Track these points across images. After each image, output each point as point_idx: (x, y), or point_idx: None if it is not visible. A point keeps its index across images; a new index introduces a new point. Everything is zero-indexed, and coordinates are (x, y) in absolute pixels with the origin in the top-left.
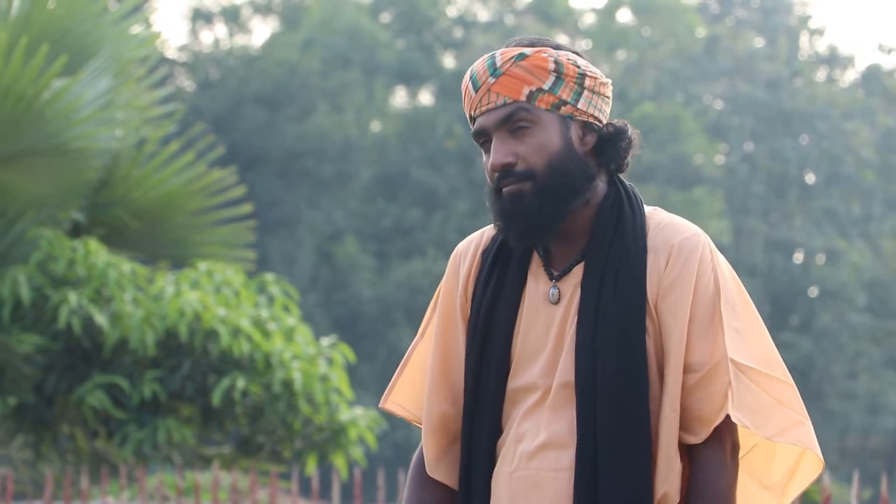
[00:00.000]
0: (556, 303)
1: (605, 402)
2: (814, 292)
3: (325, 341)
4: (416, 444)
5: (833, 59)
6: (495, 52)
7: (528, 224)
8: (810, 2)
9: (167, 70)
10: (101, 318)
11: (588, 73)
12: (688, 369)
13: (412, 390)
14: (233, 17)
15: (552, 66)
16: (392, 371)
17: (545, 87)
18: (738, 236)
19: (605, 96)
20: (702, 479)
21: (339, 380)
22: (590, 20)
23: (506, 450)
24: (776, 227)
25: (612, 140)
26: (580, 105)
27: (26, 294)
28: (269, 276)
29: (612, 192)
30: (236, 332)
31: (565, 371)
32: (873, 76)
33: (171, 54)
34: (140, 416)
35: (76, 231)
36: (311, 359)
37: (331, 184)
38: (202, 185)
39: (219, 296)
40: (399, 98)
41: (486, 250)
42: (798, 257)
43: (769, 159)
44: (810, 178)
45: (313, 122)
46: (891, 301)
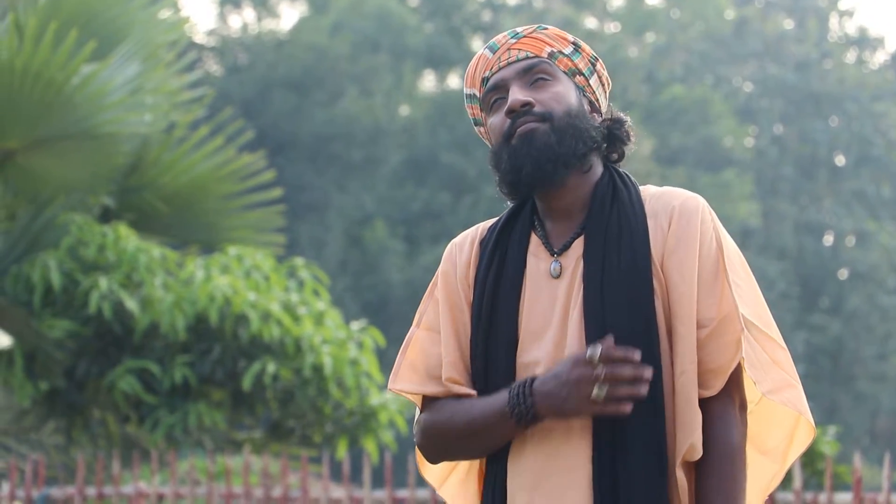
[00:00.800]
0: (558, 277)
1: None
2: (844, 274)
3: (355, 325)
4: None
5: (863, 41)
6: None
7: (542, 157)
8: None
9: (196, 55)
10: (131, 303)
11: (599, 61)
12: (698, 325)
13: (415, 373)
14: (261, 2)
15: (571, 39)
16: None
17: (566, 52)
18: (767, 219)
19: (607, 89)
20: (714, 434)
21: (369, 364)
22: (618, 3)
23: None
24: (806, 210)
25: (614, 126)
26: (591, 83)
27: (57, 279)
28: (298, 261)
29: (606, 174)
30: (266, 316)
31: (574, 342)
32: None
33: (200, 39)
34: (171, 401)
35: (106, 216)
36: (341, 343)
37: (360, 168)
38: (231, 169)
39: (249, 280)
40: (428, 82)
41: (484, 240)
42: (828, 239)
43: (799, 141)
44: (840, 159)
45: (342, 107)
46: None
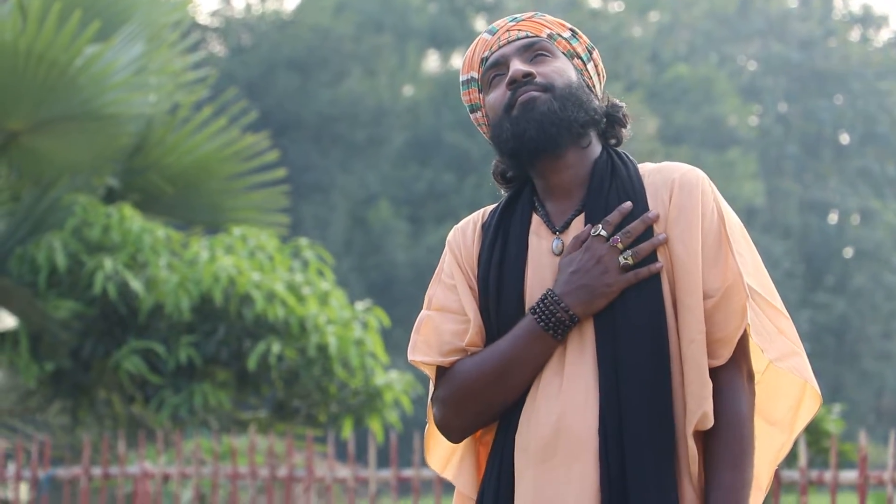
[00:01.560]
0: (560, 254)
1: (625, 338)
2: (849, 253)
3: (360, 305)
4: None
5: (867, 19)
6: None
7: (545, 120)
8: None
9: (199, 35)
10: (136, 284)
11: (596, 51)
12: (704, 295)
13: (430, 347)
14: None
15: (569, 26)
16: None
17: (564, 35)
18: (772, 197)
19: (603, 80)
20: (723, 403)
21: (374, 344)
22: None
23: (530, 399)
24: (810, 188)
25: (612, 109)
26: (588, 68)
27: (62, 260)
28: (303, 241)
29: (604, 153)
30: (271, 296)
31: None
32: None
33: (204, 20)
34: (176, 381)
35: (111, 197)
36: (345, 323)
37: (364, 148)
38: (235, 150)
39: (253, 260)
40: (431, 62)
41: (486, 224)
42: (833, 218)
43: (803, 120)
44: (844, 138)
45: (346, 87)
46: None
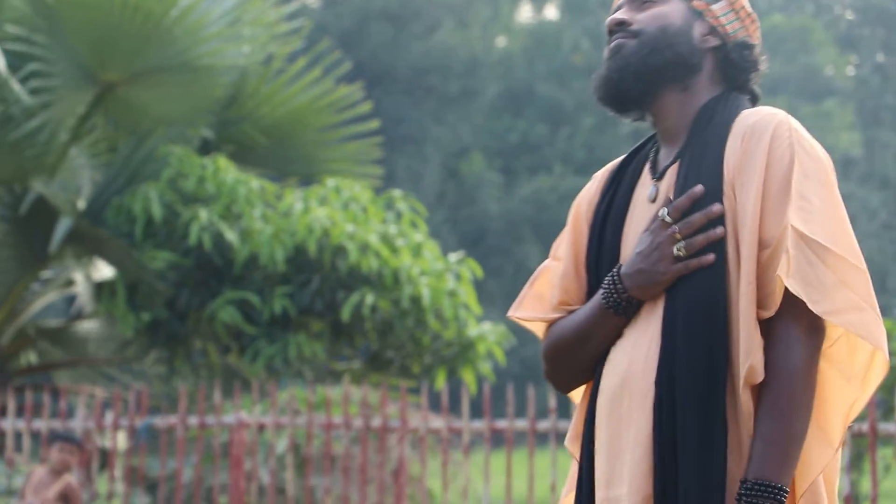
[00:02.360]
0: (654, 201)
1: (684, 286)
2: None
3: (453, 257)
4: None
5: None
6: None
7: (626, 69)
8: None
9: None
10: (231, 235)
11: None
12: (763, 245)
13: (540, 302)
14: None
15: None
16: (520, 286)
17: None
18: (869, 148)
19: (745, 20)
20: (774, 355)
21: (468, 295)
22: None
23: (612, 351)
24: None
25: (735, 51)
26: (714, 7)
27: (158, 211)
28: (396, 193)
29: (715, 98)
30: (364, 247)
31: None
32: None
33: None
34: (271, 332)
35: (205, 148)
36: (438, 274)
37: (456, 100)
38: (329, 101)
39: (347, 212)
40: (524, 13)
41: (614, 169)
42: None
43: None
44: None
45: (438, 39)
46: None
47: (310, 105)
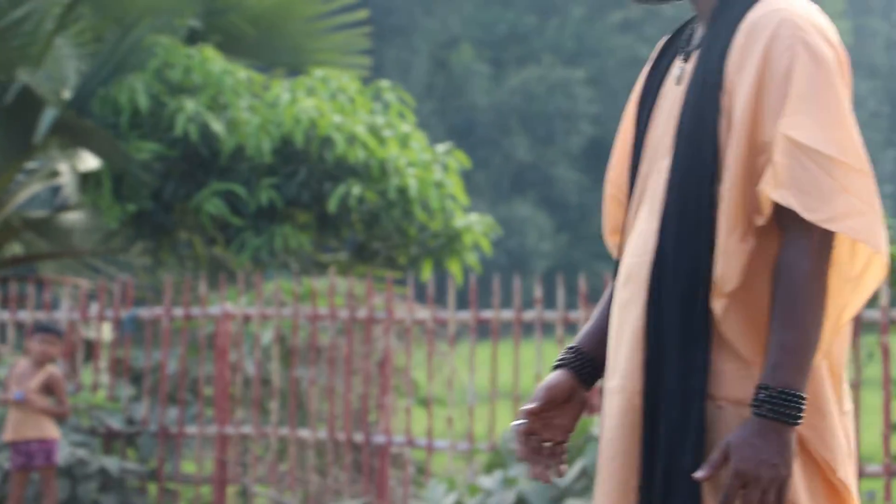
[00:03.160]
0: (679, 84)
1: (680, 184)
2: None
3: (441, 148)
4: (530, 250)
5: None
6: None
7: None
8: None
9: None
10: (217, 126)
11: None
12: (761, 149)
13: (608, 220)
14: None
15: None
16: (507, 177)
17: None
18: (858, 36)
19: None
20: (782, 261)
21: (455, 186)
22: None
23: (624, 236)
24: None
25: None
26: None
27: (143, 101)
28: (384, 83)
29: None
30: (352, 138)
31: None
32: None
33: None
34: (257, 223)
35: (192, 38)
36: (426, 165)
37: None
38: None
39: (334, 103)
40: None
41: (663, 44)
42: None
43: None
44: None
45: None
46: None
47: None
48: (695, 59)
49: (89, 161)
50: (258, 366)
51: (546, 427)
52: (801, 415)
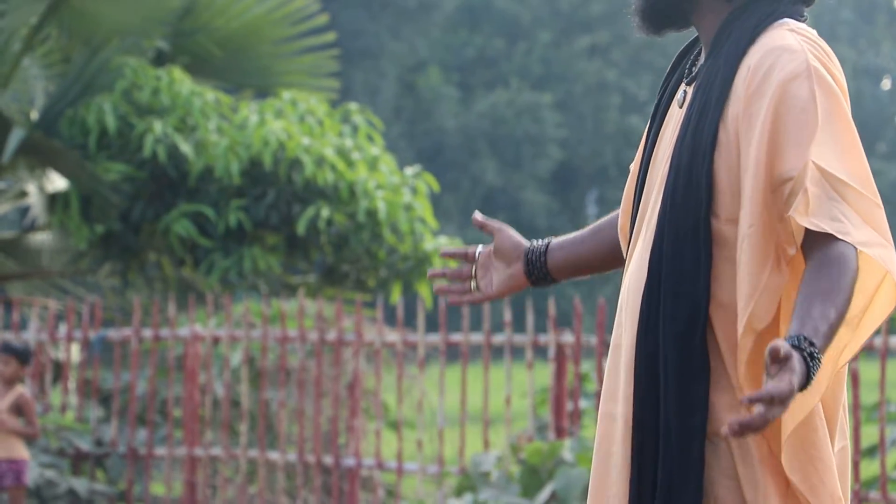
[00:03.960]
0: (682, 106)
1: (672, 215)
2: None
3: (410, 171)
4: None
5: None
6: None
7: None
8: None
9: None
10: (185, 147)
11: None
12: (780, 181)
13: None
14: None
15: None
16: (476, 201)
17: None
18: None
19: None
20: (834, 251)
21: (424, 209)
22: None
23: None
24: (864, 54)
25: None
26: None
27: (112, 122)
28: (352, 106)
29: (739, 9)
30: (320, 161)
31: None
32: None
33: None
34: (226, 245)
35: (160, 59)
36: (395, 188)
37: (414, 13)
38: (285, 13)
39: (303, 125)
40: None
41: (673, 62)
42: (886, 84)
43: None
44: None
45: None
46: None
47: (266, 17)
48: (694, 89)
49: (57, 182)
50: (227, 388)
51: (484, 271)
52: (811, 382)
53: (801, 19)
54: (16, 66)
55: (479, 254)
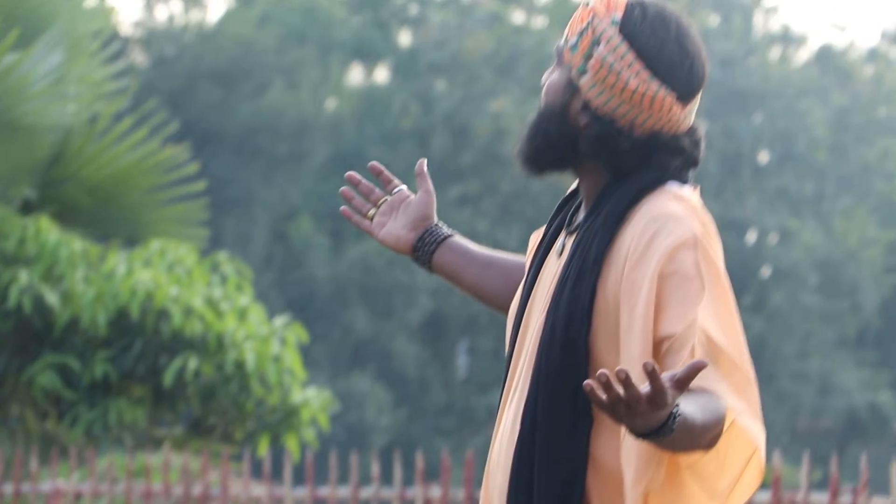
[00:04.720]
0: (560, 255)
1: (547, 375)
2: (766, 272)
3: (279, 321)
4: (369, 426)
5: (787, 38)
6: None
7: (520, 147)
8: None
9: (121, 46)
10: (52, 297)
11: (599, 59)
12: (663, 337)
13: None
14: None
15: (581, 27)
16: (347, 351)
17: (570, 43)
18: (729, 137)
19: (613, 90)
20: (710, 388)
21: (292, 360)
22: None
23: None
24: (730, 206)
25: (605, 138)
26: (582, 82)
27: None
28: (222, 255)
29: (617, 179)
30: (189, 311)
31: (538, 328)
32: (826, 55)
33: (126, 30)
34: (91, 397)
35: (27, 208)
36: (263, 339)
37: (285, 162)
38: (155, 161)
39: (171, 275)
40: (355, 75)
41: (558, 204)
42: (751, 237)
43: (723, 138)
44: (763, 157)
45: (268, 100)
46: (842, 281)
47: (135, 166)
48: (573, 244)
49: None
50: None
51: (388, 209)
52: (670, 434)
53: (686, 184)
54: None
55: (396, 191)
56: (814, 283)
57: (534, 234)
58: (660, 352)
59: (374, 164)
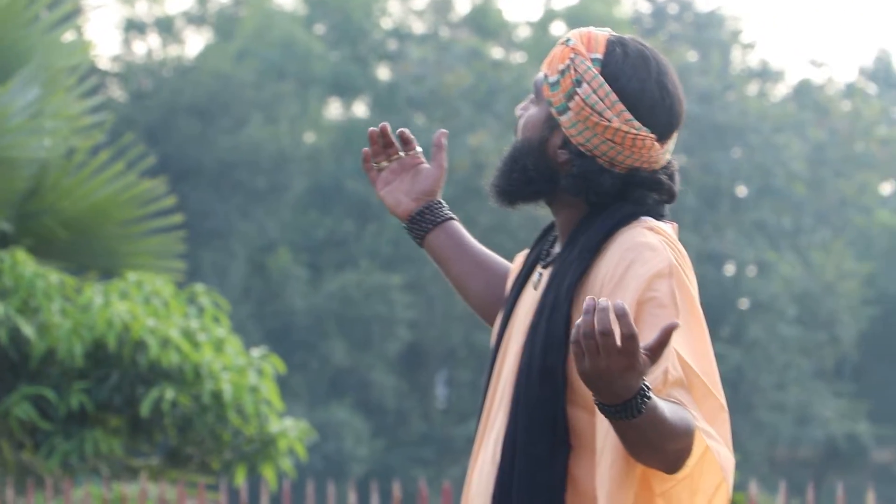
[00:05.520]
0: (536, 288)
1: (526, 403)
2: (744, 304)
3: (256, 352)
4: (346, 455)
5: (765, 73)
6: (576, 30)
7: (492, 185)
8: (742, 17)
9: (99, 80)
10: (28, 329)
11: (581, 98)
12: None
13: None
14: (166, 28)
15: (563, 65)
16: (324, 382)
17: (551, 80)
18: (707, 171)
19: (595, 129)
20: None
21: (269, 391)
22: (524, 33)
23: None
24: (708, 240)
25: (587, 174)
26: (563, 119)
27: None
28: (198, 287)
29: (593, 213)
30: (165, 342)
31: (514, 359)
32: (804, 90)
33: (104, 65)
34: (67, 428)
35: (3, 241)
36: (241, 370)
37: (264, 195)
38: (132, 195)
39: (148, 306)
40: (333, 110)
41: (537, 237)
42: (729, 269)
43: (701, 172)
44: (742, 190)
45: (247, 134)
46: (820, 313)
47: (112, 198)
48: (550, 275)
49: None
50: None
51: (399, 167)
52: (638, 416)
53: (662, 218)
54: None
55: (413, 153)
56: (792, 314)
57: (519, 256)
58: None
59: (403, 130)
